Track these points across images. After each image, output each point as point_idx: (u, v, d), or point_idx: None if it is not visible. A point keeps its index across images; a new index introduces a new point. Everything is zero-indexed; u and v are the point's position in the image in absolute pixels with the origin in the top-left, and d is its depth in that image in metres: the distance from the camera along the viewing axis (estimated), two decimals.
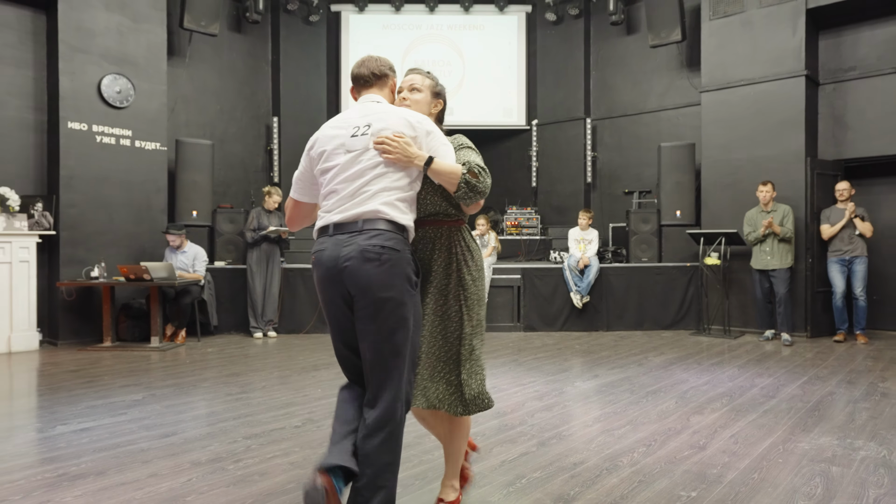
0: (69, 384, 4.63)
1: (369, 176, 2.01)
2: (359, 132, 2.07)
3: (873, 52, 7.06)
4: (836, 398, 4.11)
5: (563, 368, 5.17)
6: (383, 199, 1.99)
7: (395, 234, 1.99)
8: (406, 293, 1.98)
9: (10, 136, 6.44)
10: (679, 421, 3.58)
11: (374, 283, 1.93)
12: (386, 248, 1.94)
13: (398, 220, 2.00)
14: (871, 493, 2.53)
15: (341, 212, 2.01)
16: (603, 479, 2.69)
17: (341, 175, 2.04)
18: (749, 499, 2.47)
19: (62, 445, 3.18)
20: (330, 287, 2.01)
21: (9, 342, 6.09)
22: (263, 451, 3.08)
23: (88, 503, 2.46)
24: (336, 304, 2.03)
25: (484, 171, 2.09)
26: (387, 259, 1.94)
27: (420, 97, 2.28)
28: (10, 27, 6.47)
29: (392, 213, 2.00)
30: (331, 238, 2.01)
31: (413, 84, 2.29)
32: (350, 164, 2.04)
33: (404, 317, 1.97)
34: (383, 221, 1.98)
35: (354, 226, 1.98)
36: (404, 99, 2.28)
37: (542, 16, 9.81)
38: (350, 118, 2.14)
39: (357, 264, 1.93)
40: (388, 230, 1.97)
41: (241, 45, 8.97)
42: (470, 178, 2.05)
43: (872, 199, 7.21)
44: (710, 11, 7.55)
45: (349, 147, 2.06)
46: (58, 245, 6.47)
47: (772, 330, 6.71)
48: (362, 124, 2.08)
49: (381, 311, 1.94)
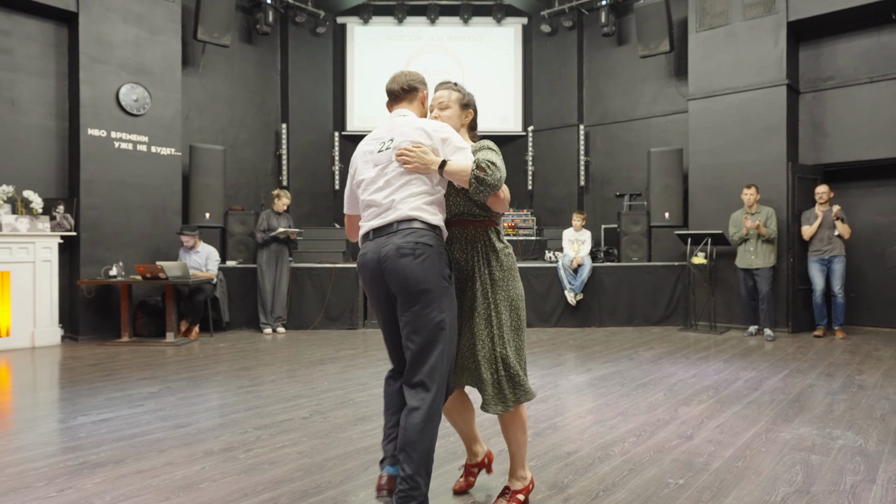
0: (89, 377, 4.63)
1: (396, 185, 2.08)
2: (384, 147, 2.15)
3: (850, 63, 7.06)
4: (815, 390, 4.11)
5: (557, 362, 5.17)
6: (412, 204, 2.06)
7: (428, 231, 2.04)
8: (440, 286, 2.02)
9: (33, 143, 6.44)
10: (667, 412, 3.59)
11: (410, 276, 1.98)
12: (420, 243, 2.00)
13: (429, 220, 2.06)
14: (848, 480, 2.53)
15: (378, 218, 2.08)
16: (595, 467, 2.70)
17: (371, 187, 2.13)
18: (733, 486, 2.48)
19: (83, 435, 3.19)
20: (375, 286, 2.08)
21: (32, 337, 6.10)
22: (273, 440, 3.08)
23: (107, 490, 2.46)
24: (381, 300, 2.10)
25: (493, 164, 2.05)
26: (420, 253, 1.99)
27: (449, 113, 2.31)
28: (34, 39, 6.47)
29: (422, 214, 2.05)
30: (371, 242, 2.09)
31: (441, 101, 2.33)
32: (378, 177, 2.12)
33: (440, 308, 2.01)
34: (416, 221, 2.04)
35: (390, 228, 2.05)
36: (437, 117, 2.31)
37: (537, 27, 9.81)
38: (379, 134, 2.21)
39: (394, 260, 1.99)
40: (421, 228, 2.04)
41: (252, 55, 8.97)
42: (478, 172, 2.02)
43: (850, 202, 7.21)
44: (697, 24, 7.55)
45: (376, 161, 2.15)
46: (78, 245, 6.47)
47: (755, 326, 6.71)
48: (387, 139, 2.15)
49: (417, 301, 1.99)
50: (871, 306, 7.17)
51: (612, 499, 2.35)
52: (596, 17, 9.12)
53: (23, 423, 3.46)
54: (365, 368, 4.94)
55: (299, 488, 2.46)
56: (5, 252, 5.99)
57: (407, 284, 1.98)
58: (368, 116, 10.01)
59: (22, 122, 6.37)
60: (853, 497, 2.37)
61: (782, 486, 2.48)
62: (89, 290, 6.50)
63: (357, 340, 6.46)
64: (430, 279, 1.99)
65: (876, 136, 6.86)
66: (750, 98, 7.14)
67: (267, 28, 8.69)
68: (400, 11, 9.82)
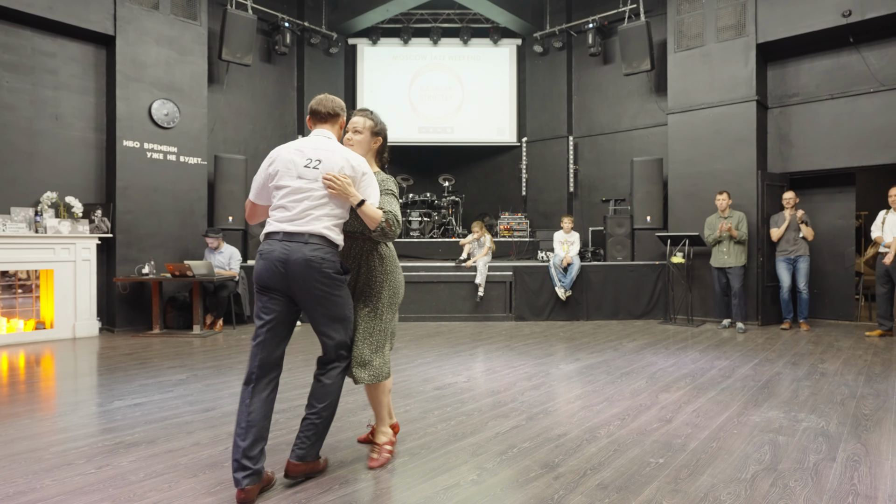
0: (124, 365, 4.64)
1: (315, 203, 2.25)
2: (311, 164, 2.26)
3: (812, 81, 7.05)
4: (782, 377, 4.11)
5: (548, 353, 5.17)
6: (325, 224, 2.25)
7: (331, 248, 2.26)
8: (334, 286, 2.26)
9: (74, 153, 6.45)
10: (649, 398, 3.59)
11: (315, 281, 2.22)
12: (325, 259, 2.22)
13: (333, 239, 2.27)
14: (811, 458, 2.54)
15: (292, 224, 2.23)
16: (583, 448, 2.70)
17: (292, 196, 2.25)
18: (708, 464, 2.48)
19: (119, 418, 3.20)
20: (272, 278, 2.23)
21: (73, 329, 6.11)
22: (290, 423, 3.08)
23: (141, 467, 2.47)
24: (273, 290, 2.24)
25: (397, 222, 2.35)
26: (324, 265, 2.22)
27: (360, 138, 2.47)
28: (76, 60, 6.48)
29: (330, 234, 2.26)
30: (279, 242, 2.23)
31: (355, 126, 2.49)
32: (300, 189, 2.25)
33: (335, 301, 2.28)
34: (325, 240, 2.25)
35: (301, 237, 2.22)
36: (349, 139, 2.47)
37: (530, 48, 9.81)
38: (304, 148, 2.30)
39: (303, 268, 2.20)
40: (326, 245, 2.25)
41: (271, 73, 8.97)
42: (386, 227, 2.31)
43: (813, 207, 7.20)
44: (675, 45, 7.54)
45: (301, 174, 2.26)
46: (114, 246, 6.48)
47: (728, 319, 6.70)
48: (314, 158, 2.27)
49: (321, 299, 2.25)
50: (832, 301, 7.16)
51: (598, 476, 2.36)
52: (584, 39, 9.11)
53: (66, 406, 3.47)
54: None
55: None
56: (49, 252, 6.00)
57: (312, 287, 2.22)
58: None
59: (65, 135, 6.38)
60: (816, 474, 2.38)
61: (752, 464, 2.48)
62: (124, 287, 6.51)
63: None
64: (328, 283, 2.24)
65: (836, 147, 6.85)
66: (723, 112, 7.13)
67: (285, 49, 8.70)
68: (405, 33, 9.81)
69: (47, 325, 6.02)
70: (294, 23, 8.83)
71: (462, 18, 9.91)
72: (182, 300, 6.73)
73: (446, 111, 10.06)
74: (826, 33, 6.58)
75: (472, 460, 2.54)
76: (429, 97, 10.02)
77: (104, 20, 6.43)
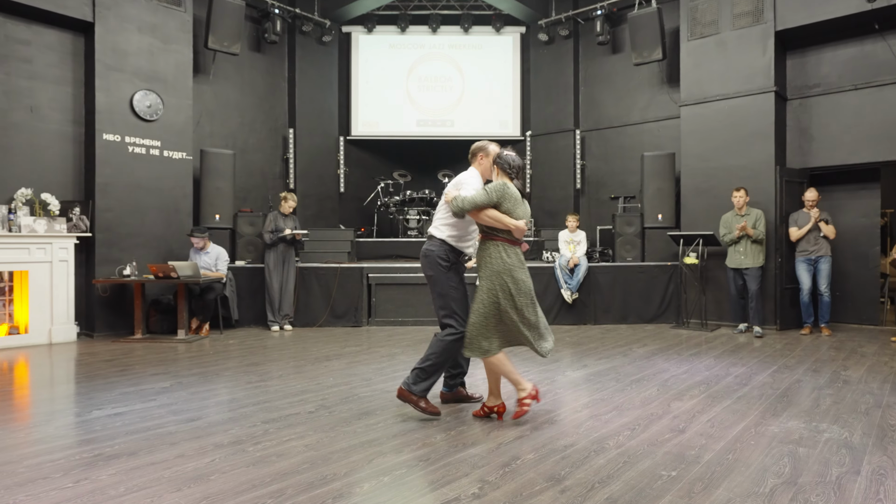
0: (104, 373, 4.63)
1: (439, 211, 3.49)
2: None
3: (834, 71, 7.05)
4: (802, 385, 4.11)
5: (554, 359, 5.16)
6: (435, 224, 3.48)
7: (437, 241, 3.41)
8: (439, 271, 3.35)
9: (51, 147, 6.45)
10: (660, 407, 3.58)
11: (423, 267, 3.43)
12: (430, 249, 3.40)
13: (438, 235, 3.42)
14: (833, 472, 2.53)
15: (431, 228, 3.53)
16: (591, 459, 2.69)
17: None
18: (724, 477, 2.47)
19: (98, 428, 3.19)
20: None
21: (49, 334, 6.10)
22: (280, 434, 3.08)
23: (121, 481, 2.46)
24: None
25: (457, 199, 3.23)
26: (428, 254, 3.40)
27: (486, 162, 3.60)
28: (52, 48, 6.47)
29: (436, 232, 3.44)
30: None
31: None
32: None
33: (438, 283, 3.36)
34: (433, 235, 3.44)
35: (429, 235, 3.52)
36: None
37: (534, 36, 9.81)
38: None
39: (421, 257, 3.44)
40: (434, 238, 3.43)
41: (261, 63, 8.97)
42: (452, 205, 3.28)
43: (834, 205, 7.20)
44: (688, 33, 7.54)
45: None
46: (94, 246, 6.48)
47: (745, 323, 6.70)
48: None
49: (429, 281, 3.42)
50: (855, 304, 7.16)
51: (607, 490, 2.35)
52: (591, 27, 9.11)
53: (41, 416, 3.46)
54: (369, 364, 4.93)
55: (305, 480, 2.46)
56: (24, 252, 5.99)
57: (424, 271, 3.44)
58: (372, 122, 10.01)
59: (40, 128, 6.37)
60: (839, 488, 2.37)
61: (771, 477, 2.48)
62: (104, 289, 6.50)
63: (361, 337, 6.46)
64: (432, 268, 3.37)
65: (859, 141, 6.85)
66: (739, 104, 7.13)
67: (275, 37, 8.70)
68: (403, 21, 9.81)
69: (21, 330, 6.01)
70: (285, 9, 8.83)
71: (462, 5, 9.91)
72: (166, 303, 6.72)
73: (446, 103, 10.05)
74: (849, 20, 6.58)
75: (473, 472, 2.53)
76: (427, 88, 10.02)
77: (82, 6, 6.42)
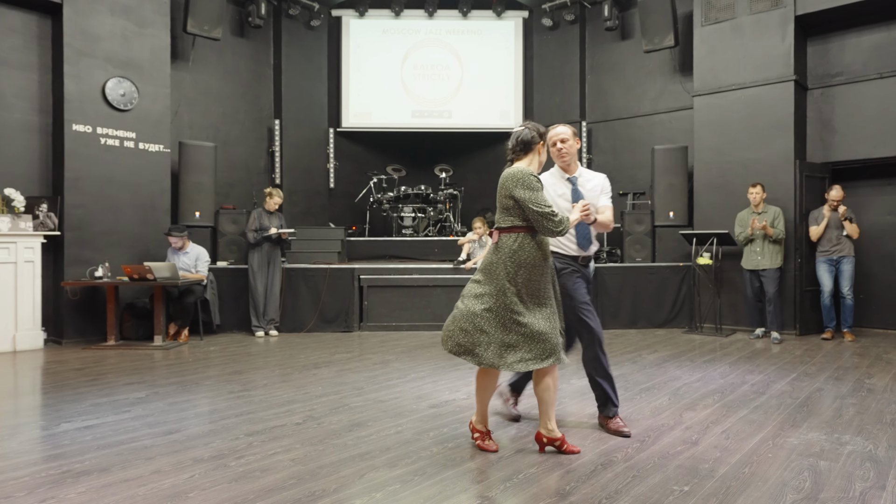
0: (73, 382, 4.61)
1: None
2: None
3: (859, 59, 7.08)
4: (823, 394, 4.11)
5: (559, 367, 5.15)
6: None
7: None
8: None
9: (15, 139, 6.42)
10: (672, 417, 3.58)
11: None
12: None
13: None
14: (857, 487, 2.53)
15: None
16: (598, 474, 2.69)
17: None
18: (740, 493, 2.47)
19: (66, 443, 3.17)
20: None
21: (13, 341, 6.07)
22: (265, 447, 3.07)
23: (92, 499, 2.45)
24: None
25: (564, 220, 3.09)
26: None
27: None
28: (16, 31, 6.44)
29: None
30: None
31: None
32: None
33: None
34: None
35: None
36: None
37: (538, 21, 9.82)
38: None
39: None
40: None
41: (244, 49, 8.96)
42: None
43: (858, 201, 7.23)
44: (702, 18, 7.56)
45: None
46: (63, 245, 6.45)
47: (762, 328, 6.72)
48: None
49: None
50: (880, 308, 7.18)
51: None
52: (599, 11, 9.12)
53: (3, 430, 3.44)
54: (360, 372, 4.93)
55: (292, 497, 2.45)
56: None
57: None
58: (364, 112, 10.00)
59: (3, 118, 6.34)
60: None
61: (790, 492, 2.48)
62: (74, 292, 6.48)
63: (352, 343, 6.45)
64: None
65: (885, 133, 6.87)
66: (756, 94, 7.15)
67: (259, 21, 8.68)
68: (397, 4, 9.80)
69: None
70: None
71: None
72: (141, 307, 6.70)
73: (443, 93, 10.05)
74: (875, 3, 6.61)
75: (472, 488, 2.53)
76: (423, 77, 10.02)
77: None
